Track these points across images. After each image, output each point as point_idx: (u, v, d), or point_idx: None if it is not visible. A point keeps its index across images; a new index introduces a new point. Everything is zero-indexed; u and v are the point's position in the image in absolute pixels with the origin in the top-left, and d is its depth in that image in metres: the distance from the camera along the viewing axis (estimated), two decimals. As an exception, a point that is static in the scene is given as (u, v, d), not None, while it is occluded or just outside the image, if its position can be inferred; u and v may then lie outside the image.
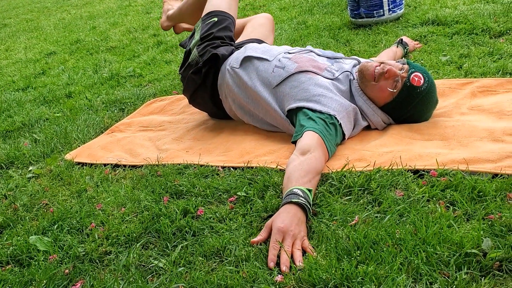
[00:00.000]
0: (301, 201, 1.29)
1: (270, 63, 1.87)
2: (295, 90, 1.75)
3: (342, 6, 3.51)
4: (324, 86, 1.71)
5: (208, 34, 2.07)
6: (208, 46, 2.04)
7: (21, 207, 1.70)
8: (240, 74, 1.92)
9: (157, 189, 1.62)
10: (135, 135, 2.17)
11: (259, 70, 1.88)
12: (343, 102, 1.69)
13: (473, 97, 1.85)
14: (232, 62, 1.98)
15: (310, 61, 1.83)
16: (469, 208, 1.23)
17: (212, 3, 2.19)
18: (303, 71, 1.78)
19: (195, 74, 2.03)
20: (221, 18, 2.13)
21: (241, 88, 1.92)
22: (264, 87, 1.85)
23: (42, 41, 4.81)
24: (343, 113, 1.68)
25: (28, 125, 2.57)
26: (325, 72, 1.79)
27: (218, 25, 2.10)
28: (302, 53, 1.89)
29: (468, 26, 2.52)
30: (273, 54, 1.92)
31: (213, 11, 2.15)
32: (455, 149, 1.52)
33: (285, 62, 1.85)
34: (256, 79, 1.87)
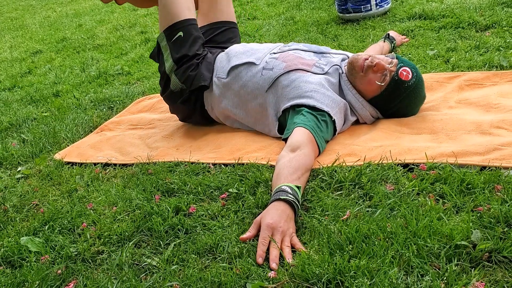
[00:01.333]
0: (289, 198, 1.30)
1: (257, 66, 1.84)
2: (287, 89, 1.74)
3: (330, 1, 3.52)
4: (315, 82, 1.72)
5: (182, 56, 1.93)
6: (188, 70, 1.92)
7: (11, 208, 1.69)
8: (228, 85, 1.89)
9: (148, 188, 1.61)
10: (124, 133, 2.16)
11: (248, 76, 1.84)
12: (335, 98, 1.70)
13: (461, 90, 1.87)
14: (218, 72, 1.94)
15: (298, 59, 1.82)
16: (458, 200, 1.24)
17: (169, 10, 1.96)
18: (292, 70, 1.77)
19: (185, 103, 1.99)
20: (186, 30, 1.95)
21: (229, 99, 1.89)
22: (256, 92, 1.82)
23: (28, 39, 4.76)
24: (336, 109, 1.69)
25: (16, 125, 2.54)
26: (314, 68, 1.79)
27: (187, 40, 1.95)
28: (288, 51, 1.87)
29: (454, 20, 2.54)
30: (258, 56, 1.88)
31: (175, 24, 1.94)
32: (443, 142, 1.53)
33: (273, 62, 1.82)
34: (247, 87, 1.84)
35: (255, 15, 3.68)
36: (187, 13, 1.96)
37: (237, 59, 1.90)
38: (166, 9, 1.96)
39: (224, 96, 1.90)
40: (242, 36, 3.21)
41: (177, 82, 1.94)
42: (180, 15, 1.95)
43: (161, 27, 1.99)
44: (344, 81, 1.77)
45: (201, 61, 1.96)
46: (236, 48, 1.98)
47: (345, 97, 1.75)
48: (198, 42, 1.97)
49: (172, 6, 1.95)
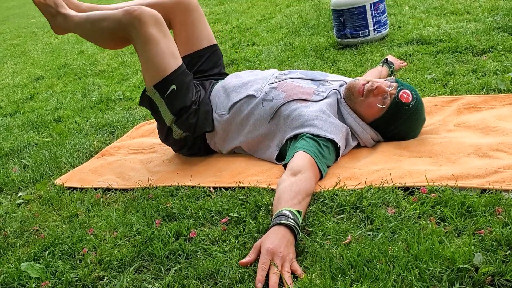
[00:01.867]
0: (290, 223, 1.29)
1: (257, 98, 1.83)
2: (289, 119, 1.74)
3: (328, 27, 3.57)
4: (316, 110, 1.72)
5: (182, 109, 1.87)
6: (189, 119, 1.88)
7: (11, 234, 1.69)
8: (230, 120, 1.88)
9: (149, 212, 1.61)
10: (125, 158, 2.17)
11: (249, 109, 1.84)
12: (337, 124, 1.71)
13: (459, 114, 1.88)
14: (218, 108, 1.91)
15: (297, 88, 1.81)
16: (459, 223, 1.24)
17: (154, 64, 1.83)
18: (292, 100, 1.77)
19: (190, 149, 1.98)
20: (178, 81, 1.85)
21: (231, 133, 1.89)
22: (258, 124, 1.82)
23: (30, 66, 4.81)
24: (340, 135, 1.69)
25: (17, 151, 2.55)
26: (313, 96, 1.79)
27: (181, 91, 1.86)
28: (285, 80, 1.87)
29: (451, 44, 2.58)
30: (257, 88, 1.86)
31: (165, 79, 1.83)
32: (443, 165, 1.54)
33: (272, 93, 1.82)
34: (249, 120, 1.84)
35: (255, 41, 3.73)
36: (174, 62, 1.85)
37: (236, 94, 1.89)
38: (150, 63, 1.83)
39: (226, 131, 1.90)
40: (242, 62, 3.25)
41: (179, 131, 1.91)
42: (167, 68, 1.83)
43: (149, 81, 1.86)
44: (343, 106, 1.79)
45: (199, 105, 1.91)
46: (233, 81, 1.95)
47: (345, 122, 1.77)
48: (191, 87, 1.91)
49: (157, 60, 1.82)
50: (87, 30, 1.99)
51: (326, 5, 4.28)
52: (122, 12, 1.83)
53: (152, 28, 1.80)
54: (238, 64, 3.23)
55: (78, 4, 2.13)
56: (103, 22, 1.90)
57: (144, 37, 1.81)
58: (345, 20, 2.95)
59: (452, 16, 3.11)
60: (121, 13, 1.83)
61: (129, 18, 1.81)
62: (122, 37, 1.90)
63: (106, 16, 1.90)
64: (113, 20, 1.86)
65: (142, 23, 1.79)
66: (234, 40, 3.92)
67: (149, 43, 1.81)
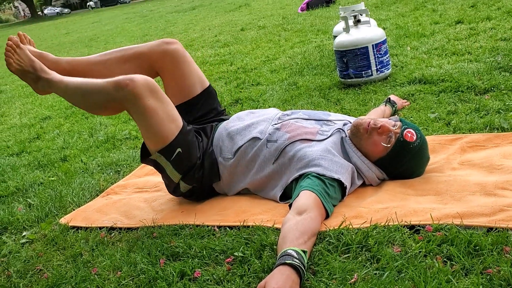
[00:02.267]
0: (295, 263, 1.28)
1: (261, 140, 1.83)
2: (294, 160, 1.75)
3: (331, 68, 3.63)
4: (321, 149, 1.73)
5: (188, 168, 1.85)
6: (195, 174, 1.86)
7: (14, 274, 1.68)
8: (235, 164, 1.87)
9: (153, 252, 1.60)
10: (130, 196, 2.17)
11: (254, 151, 1.83)
12: (342, 163, 1.71)
13: (463, 152, 1.89)
14: (223, 152, 1.89)
15: (300, 128, 1.82)
16: (467, 262, 1.23)
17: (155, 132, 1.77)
18: (297, 140, 1.78)
19: (198, 197, 1.96)
20: (183, 143, 1.81)
21: (237, 176, 1.89)
22: (263, 165, 1.82)
23: (37, 106, 4.88)
24: (346, 174, 1.70)
25: (22, 190, 2.56)
26: (317, 135, 1.80)
27: (187, 152, 1.83)
28: (289, 121, 1.87)
29: (453, 84, 2.61)
30: (261, 130, 1.86)
31: (169, 145, 1.79)
32: (448, 203, 1.54)
33: (276, 134, 1.82)
34: (254, 162, 1.84)
35: (259, 81, 3.79)
36: (175, 127, 1.79)
37: (240, 138, 1.88)
38: (151, 132, 1.78)
39: (232, 174, 1.89)
40: (246, 101, 3.29)
41: (186, 186, 1.89)
42: (170, 135, 1.78)
43: (153, 147, 1.81)
44: (348, 144, 1.80)
45: (203, 158, 1.88)
46: (236, 124, 1.94)
47: (350, 160, 1.77)
48: (195, 143, 1.87)
49: (157, 128, 1.76)
50: (77, 100, 1.89)
51: (329, 46, 4.37)
52: (113, 86, 1.73)
53: (148, 100, 1.72)
54: (242, 104, 3.27)
55: (56, 61, 2.00)
56: (95, 95, 1.80)
57: (141, 110, 1.73)
58: (348, 61, 3.00)
59: (453, 57, 3.16)
60: (113, 87, 1.73)
61: (122, 94, 1.72)
62: (116, 107, 1.83)
63: (97, 89, 1.78)
64: (105, 94, 1.76)
65: (137, 97, 1.70)
66: (238, 80, 3.98)
67: (147, 114, 1.73)
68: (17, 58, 1.91)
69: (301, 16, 7.03)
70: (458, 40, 3.55)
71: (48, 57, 2.00)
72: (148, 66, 1.98)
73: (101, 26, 15.49)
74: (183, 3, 17.33)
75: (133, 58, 2.00)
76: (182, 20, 11.27)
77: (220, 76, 4.32)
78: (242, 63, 4.66)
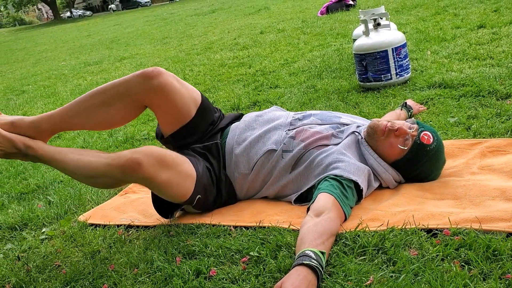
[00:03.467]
0: (312, 264, 1.28)
1: (277, 152, 1.81)
2: (311, 167, 1.75)
3: (351, 71, 3.62)
4: (337, 152, 1.73)
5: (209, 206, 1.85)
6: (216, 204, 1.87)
7: (34, 269, 1.71)
8: (253, 177, 1.85)
9: (169, 250, 1.62)
10: (148, 196, 2.19)
11: (270, 164, 1.82)
12: (359, 165, 1.71)
13: (483, 157, 1.87)
14: (239, 168, 1.85)
15: (315, 134, 1.81)
16: (485, 267, 1.21)
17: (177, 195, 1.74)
18: (312, 148, 1.77)
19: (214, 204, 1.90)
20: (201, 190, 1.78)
21: (255, 188, 1.87)
22: (279, 175, 1.81)
23: (59, 106, 4.94)
24: (362, 177, 1.69)
25: (43, 187, 2.61)
26: (332, 139, 1.80)
27: (205, 194, 1.80)
28: (302, 127, 1.84)
29: (474, 88, 2.58)
30: (275, 140, 1.83)
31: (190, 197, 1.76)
32: (467, 208, 1.52)
33: (291, 143, 1.80)
34: (271, 173, 1.82)
35: (277, 84, 3.79)
36: (190, 182, 1.74)
37: (255, 152, 1.84)
38: (169, 197, 1.74)
39: (248, 188, 1.88)
40: (264, 103, 3.30)
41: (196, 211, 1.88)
42: (188, 192, 1.74)
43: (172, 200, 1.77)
44: (364, 146, 1.79)
45: (219, 188, 1.86)
46: (247, 136, 1.88)
47: (366, 162, 1.77)
48: (211, 184, 1.82)
49: (174, 192, 1.72)
50: (80, 179, 1.75)
51: (349, 50, 4.35)
52: (120, 172, 1.62)
53: (160, 175, 1.64)
54: (260, 106, 3.28)
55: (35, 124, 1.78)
56: (101, 178, 1.67)
57: (156, 185, 1.67)
58: (367, 64, 2.99)
59: (474, 61, 3.12)
60: (120, 173, 1.62)
61: (133, 179, 1.66)
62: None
63: (102, 173, 1.65)
64: (113, 178, 1.66)
65: (149, 178, 1.63)
66: (257, 82, 3.99)
67: (162, 187, 1.68)
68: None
69: (321, 19, 7.02)
70: (480, 44, 3.51)
71: (24, 122, 1.78)
72: (134, 105, 1.80)
73: (122, 28, 15.67)
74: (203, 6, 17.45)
75: (116, 101, 1.78)
76: (202, 23, 11.35)
77: (238, 79, 4.34)
78: (260, 65, 4.68)
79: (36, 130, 1.77)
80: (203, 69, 5.21)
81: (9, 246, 1.95)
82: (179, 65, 5.87)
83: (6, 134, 1.72)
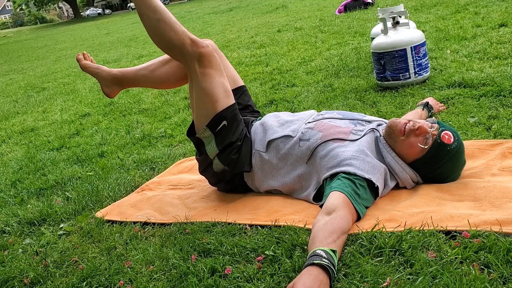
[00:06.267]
0: (323, 263, 1.27)
1: (294, 138, 1.84)
2: (325, 159, 1.74)
3: (368, 70, 3.58)
4: (354, 149, 1.71)
5: (228, 144, 1.90)
6: (231, 154, 1.91)
7: (51, 264, 1.73)
8: (267, 159, 1.89)
9: (185, 247, 1.62)
10: (164, 193, 2.20)
11: (286, 149, 1.85)
12: (375, 164, 1.69)
13: (504, 158, 1.83)
14: (256, 144, 1.94)
15: (333, 128, 1.82)
16: (505, 271, 1.19)
17: (208, 101, 1.87)
18: (329, 139, 1.77)
19: (227, 184, 2.01)
20: (230, 117, 1.89)
21: (268, 173, 1.90)
22: (296, 164, 1.82)
23: (78, 103, 5.02)
24: (377, 175, 1.67)
25: (61, 183, 2.64)
26: (351, 135, 1.78)
27: (231, 127, 1.90)
28: (322, 120, 1.87)
29: (495, 88, 2.53)
30: (294, 128, 1.88)
31: (219, 114, 1.87)
32: (487, 210, 1.49)
33: (309, 133, 1.83)
34: (286, 160, 1.84)
35: (294, 83, 3.78)
36: (227, 100, 1.89)
37: (273, 133, 1.91)
38: (204, 97, 1.86)
39: (264, 171, 1.90)
40: (280, 102, 3.29)
41: (220, 165, 1.93)
42: (220, 105, 1.87)
43: (201, 121, 1.90)
44: (382, 144, 1.77)
45: (242, 142, 1.94)
46: (271, 120, 1.98)
47: (384, 160, 1.75)
48: (240, 125, 1.94)
49: (211, 94, 1.86)
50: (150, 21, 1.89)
51: (366, 48, 4.31)
52: (190, 41, 1.84)
53: (212, 68, 1.87)
54: (277, 105, 3.27)
55: (110, 70, 2.26)
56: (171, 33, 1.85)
57: (204, 73, 1.85)
58: (385, 63, 2.96)
59: (495, 60, 3.07)
60: (190, 41, 1.84)
61: (195, 51, 1.84)
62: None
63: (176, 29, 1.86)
64: (180, 39, 1.84)
65: (206, 61, 1.85)
66: (274, 81, 3.98)
67: (207, 79, 1.85)
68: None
69: (339, 18, 6.98)
70: (501, 43, 3.44)
71: (103, 67, 2.28)
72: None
73: (141, 26, 15.76)
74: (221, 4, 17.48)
75: (172, 60, 2.12)
76: (220, 21, 11.37)
77: (255, 77, 4.33)
78: (277, 64, 4.66)
79: (109, 74, 2.24)
80: (220, 67, 5.21)
81: (27, 241, 1.97)
82: (196, 63, 5.88)
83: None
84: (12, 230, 2.12)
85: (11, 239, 2.02)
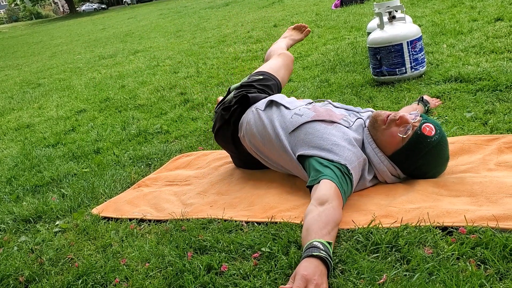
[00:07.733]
0: (322, 255, 1.29)
1: (290, 111, 1.97)
2: (309, 136, 1.80)
3: (364, 65, 3.57)
4: (338, 135, 1.75)
5: (249, 83, 2.29)
6: (244, 91, 2.22)
7: (47, 261, 1.72)
8: (262, 116, 2.02)
9: (181, 244, 1.61)
10: (161, 189, 2.19)
11: (279, 115, 1.97)
12: (355, 152, 1.72)
13: (500, 153, 1.83)
14: (258, 104, 2.10)
15: (328, 111, 1.90)
16: (502, 266, 1.19)
17: (265, 65, 2.48)
18: (319, 120, 1.83)
19: (225, 110, 2.17)
20: (267, 77, 2.35)
21: (259, 130, 1.99)
22: (281, 131, 1.91)
23: (73, 99, 4.99)
24: (355, 163, 1.70)
25: (57, 180, 2.62)
26: (341, 121, 1.84)
27: (262, 81, 2.32)
28: (321, 105, 1.99)
29: (491, 83, 2.53)
30: (295, 105, 2.02)
31: (262, 71, 2.41)
32: (483, 205, 1.49)
33: (304, 111, 1.93)
34: (275, 123, 1.95)
35: (291, 78, 3.77)
36: (275, 72, 2.43)
37: (278, 98, 2.07)
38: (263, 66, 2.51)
39: (256, 125, 2.01)
40: (277, 97, 3.28)
41: (231, 96, 2.24)
42: (270, 70, 2.43)
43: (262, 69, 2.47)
44: (365, 135, 1.80)
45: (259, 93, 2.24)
46: (278, 95, 2.15)
47: (364, 151, 1.76)
48: (267, 89, 2.30)
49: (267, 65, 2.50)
50: None
51: (363, 43, 4.30)
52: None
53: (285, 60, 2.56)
54: (274, 100, 3.26)
55: None
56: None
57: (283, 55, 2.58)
58: (381, 58, 2.95)
59: (492, 55, 3.06)
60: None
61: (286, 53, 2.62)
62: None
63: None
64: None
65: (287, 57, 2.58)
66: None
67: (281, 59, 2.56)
68: None
69: (335, 12, 6.95)
70: (497, 37, 3.44)
71: None
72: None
73: (136, 22, 15.72)
74: (217, -1, 17.40)
75: None
76: (215, 16, 11.33)
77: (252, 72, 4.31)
78: (274, 59, 4.64)
79: None
80: (217, 62, 5.20)
81: (23, 239, 1.96)
82: (192, 58, 5.87)
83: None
84: (7, 227, 2.11)
85: (6, 237, 2.01)
